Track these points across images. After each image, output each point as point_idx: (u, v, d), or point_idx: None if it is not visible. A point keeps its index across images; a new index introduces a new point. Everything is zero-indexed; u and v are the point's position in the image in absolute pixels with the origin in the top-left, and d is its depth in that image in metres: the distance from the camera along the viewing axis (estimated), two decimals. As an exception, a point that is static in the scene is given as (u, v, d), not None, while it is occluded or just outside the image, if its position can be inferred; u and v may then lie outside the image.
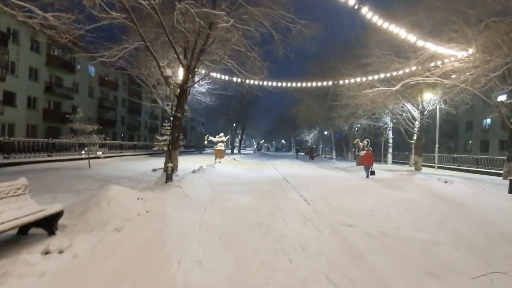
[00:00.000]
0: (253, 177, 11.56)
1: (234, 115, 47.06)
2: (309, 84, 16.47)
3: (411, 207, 6.04)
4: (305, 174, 13.15)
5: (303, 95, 28.09)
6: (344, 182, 10.05)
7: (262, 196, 7.23)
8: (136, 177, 10.09)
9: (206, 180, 9.31)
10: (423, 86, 17.03)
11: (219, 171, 12.91)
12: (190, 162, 18.65)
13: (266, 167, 17.33)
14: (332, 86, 23.76)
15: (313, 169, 16.71)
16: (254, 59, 12.14)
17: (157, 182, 8.83)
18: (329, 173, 14.22)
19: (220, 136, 20.74)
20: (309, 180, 10.43)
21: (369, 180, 11.77)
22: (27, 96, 24.63)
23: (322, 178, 11.42)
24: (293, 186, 9.02)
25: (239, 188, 8.46)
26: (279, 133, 75.91)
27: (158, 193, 5.92)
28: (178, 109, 11.03)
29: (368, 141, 20.75)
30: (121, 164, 14.60)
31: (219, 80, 15.33)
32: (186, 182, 7.95)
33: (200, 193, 7.14)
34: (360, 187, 9.06)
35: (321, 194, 7.36)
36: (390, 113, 21.64)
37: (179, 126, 11.26)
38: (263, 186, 8.93)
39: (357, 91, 18.49)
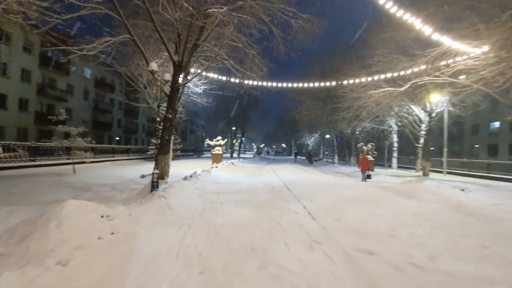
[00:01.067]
0: (251, 184, 10.57)
1: (234, 118, 46.16)
2: (310, 84, 15.54)
3: (436, 222, 5.04)
4: (308, 180, 12.15)
5: (304, 98, 27.16)
6: (351, 190, 9.05)
7: (260, 208, 6.24)
8: (121, 184, 9.11)
9: (197, 188, 8.33)
10: (431, 87, 16.11)
11: (214, 177, 11.93)
12: (186, 167, 17.67)
13: (266, 173, 16.33)
14: (334, 87, 22.87)
15: (316, 174, 15.72)
16: (253, 56, 11.24)
17: (142, 191, 7.85)
18: (333, 179, 13.22)
19: (218, 139, 19.77)
20: (313, 188, 9.44)
21: (377, 187, 10.77)
22: (19, 98, 23.82)
23: (327, 185, 10.43)
24: (295, 195, 8.03)
25: (234, 197, 7.48)
26: (280, 136, 74.96)
27: (133, 207, 4.94)
28: (169, 110, 10.07)
29: (373, 145, 19.76)
30: (110, 170, 13.63)
31: (216, 80, 14.44)
32: (173, 191, 6.97)
33: (188, 205, 6.16)
34: (370, 195, 8.07)
35: (328, 206, 6.37)
36: (395, 116, 20.67)
37: (170, 128, 10.29)
38: (261, 195, 7.94)
39: (361, 92, 17.58)
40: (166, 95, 10.01)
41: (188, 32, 9.41)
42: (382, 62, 15.23)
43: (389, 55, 15.27)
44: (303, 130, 48.21)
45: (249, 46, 11.05)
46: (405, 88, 14.10)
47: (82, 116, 31.63)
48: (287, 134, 64.10)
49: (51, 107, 27.31)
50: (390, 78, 14.91)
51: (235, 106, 44.70)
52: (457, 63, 12.37)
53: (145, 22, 9.94)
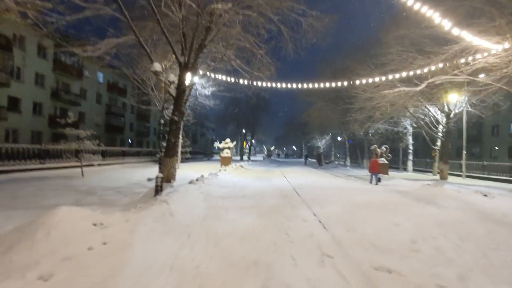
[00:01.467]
0: (259, 188, 10.20)
1: (243, 120, 45.95)
2: (321, 85, 15.08)
3: (463, 233, 4.53)
4: (318, 184, 11.67)
5: (314, 99, 26.61)
6: (365, 195, 8.54)
7: (267, 214, 5.85)
8: (126, 188, 8.93)
9: (203, 193, 8.03)
10: (449, 86, 15.33)
11: (221, 180, 11.62)
12: (194, 169, 17.48)
13: (275, 176, 15.92)
14: (346, 88, 22.25)
15: (327, 178, 15.18)
16: (261, 56, 10.92)
17: (146, 195, 7.63)
18: (346, 183, 12.68)
19: (226, 142, 19.53)
20: (324, 193, 8.97)
21: (393, 192, 10.18)
22: (33, 102, 24.35)
23: (339, 189, 9.93)
24: (304, 200, 7.60)
25: (240, 203, 7.12)
26: (290, 139, 74.26)
27: (132, 214, 4.66)
28: (175, 112, 9.88)
29: (387, 147, 19.03)
30: (119, 173, 13.56)
31: (224, 82, 14.20)
32: (177, 196, 6.68)
33: (191, 211, 5.85)
34: (386, 202, 7.55)
35: (340, 213, 5.92)
36: (411, 117, 19.85)
37: (176, 131, 10.09)
38: (269, 201, 7.56)
39: (374, 92, 16.97)
40: (172, 97, 9.82)
41: (194, 32, 9.19)
42: (397, 61, 14.59)
43: (404, 53, 14.62)
44: (313, 132, 47.44)
45: (256, 46, 10.74)
46: (421, 87, 13.43)
47: (95, 120, 32.14)
48: (298, 136, 63.39)
49: (65, 110, 27.75)
50: (405, 77, 14.24)
51: (245, 109, 44.58)
52: (477, 60, 11.66)
53: (152, 23, 9.79)
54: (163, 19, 8.58)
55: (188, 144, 25.92)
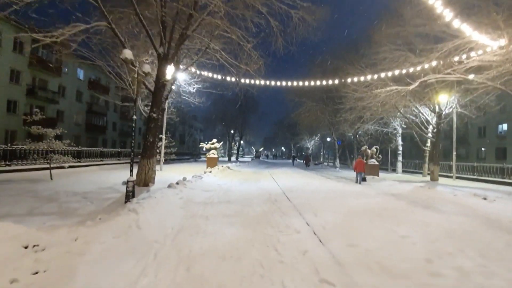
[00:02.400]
0: (245, 191, 9.42)
1: (232, 121, 45.10)
2: (311, 83, 14.47)
3: (480, 247, 3.90)
4: (309, 187, 11.00)
5: (304, 99, 26.11)
6: (360, 200, 7.91)
7: (253, 224, 5.09)
8: (96, 193, 7.95)
9: (182, 198, 7.17)
10: (441, 86, 15.06)
11: (206, 183, 10.78)
12: (178, 172, 16.53)
13: (263, 178, 15.18)
14: (336, 88, 21.83)
15: (318, 180, 14.56)
16: (249, 51, 10.15)
17: (116, 201, 6.71)
18: (337, 185, 12.07)
19: (213, 142, 18.65)
20: (316, 197, 8.28)
21: (387, 195, 9.62)
22: (7, 99, 22.70)
23: (332, 193, 9.28)
24: (295, 206, 6.88)
25: (224, 210, 6.32)
26: (279, 140, 73.86)
27: (85, 228, 3.77)
28: (153, 108, 9.00)
29: (377, 148, 18.67)
30: (93, 175, 12.47)
31: (210, 79, 13.36)
32: (150, 203, 5.81)
33: (164, 222, 5.01)
34: (384, 207, 6.93)
35: (337, 222, 5.22)
36: (401, 117, 19.56)
37: (155, 129, 9.19)
38: (256, 207, 6.79)
39: (364, 92, 16.55)
40: (150, 92, 8.91)
41: (174, 21, 8.34)
42: (388, 60, 14.18)
43: (396, 51, 14.24)
44: (302, 133, 47.15)
45: (244, 39, 9.98)
46: (413, 86, 13.02)
47: (75, 119, 30.54)
48: (287, 138, 63.04)
49: (41, 109, 26.05)
50: (397, 76, 13.84)
51: (233, 110, 43.76)
52: (471, 59, 11.33)
53: (128, 12, 8.84)
54: (140, 4, 7.72)
55: (173, 145, 24.85)
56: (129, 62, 5.87)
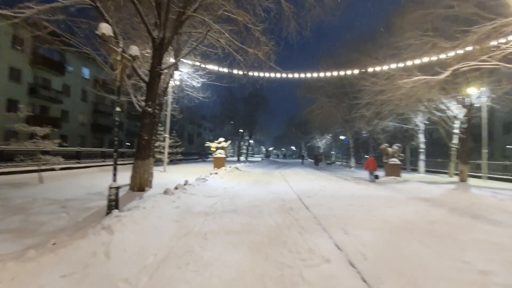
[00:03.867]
0: (255, 197, 8.13)
1: (241, 120, 43.89)
2: (328, 74, 13.05)
3: None
4: (327, 190, 9.62)
5: (316, 95, 24.60)
6: (394, 208, 6.51)
7: (264, 247, 3.81)
8: (80, 200, 6.84)
9: (179, 207, 5.95)
10: (472, 76, 13.35)
11: (210, 187, 9.56)
12: (182, 173, 15.42)
13: (275, 179, 13.87)
14: (350, 83, 20.29)
15: (335, 181, 13.14)
16: (258, 34, 8.85)
17: (98, 212, 5.55)
18: (359, 188, 10.63)
19: (220, 141, 17.44)
20: (339, 204, 6.92)
21: (420, 200, 8.16)
22: (7, 99, 22.11)
23: (356, 198, 7.88)
24: (316, 217, 5.55)
25: (228, 223, 5.06)
26: (289, 139, 72.21)
27: (19, 264, 2.57)
28: (148, 102, 7.82)
29: (400, 146, 17.07)
30: (88, 178, 11.45)
31: (215, 71, 12.15)
32: (135, 216, 4.61)
33: (146, 244, 3.78)
34: (426, 219, 5.52)
35: (380, 246, 3.87)
36: (425, 112, 17.83)
37: (150, 126, 8.02)
38: (267, 218, 5.51)
39: (386, 84, 15.02)
40: (145, 83, 7.73)
41: None
42: (414, 46, 12.60)
43: (422, 37, 12.66)
44: (314, 132, 45.50)
45: (252, 23, 8.70)
46: (445, 75, 11.43)
47: (80, 119, 29.94)
48: (297, 137, 61.37)
49: (45, 108, 25.63)
50: (424, 65, 12.27)
51: (242, 108, 42.63)
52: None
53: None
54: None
55: (179, 144, 23.80)
56: (107, 39, 4.66)
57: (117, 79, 5.13)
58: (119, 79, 5.14)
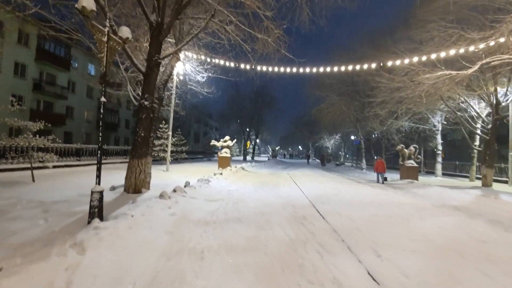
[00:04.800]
0: (262, 202, 7.28)
1: (247, 118, 43.06)
2: (342, 68, 12.09)
3: None
4: (343, 195, 8.69)
5: (326, 93, 23.57)
6: (429, 220, 5.56)
7: (275, 274, 2.96)
8: (69, 202, 6.10)
9: (174, 214, 5.14)
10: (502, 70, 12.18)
11: (213, 189, 8.75)
12: (186, 173, 14.67)
13: (282, 181, 12.99)
14: (365, 78, 19.22)
15: (348, 184, 12.18)
16: (264, 19, 7.99)
17: (81, 219, 4.77)
18: (378, 193, 9.66)
19: (225, 139, 16.64)
20: (361, 213, 6.00)
21: (453, 210, 7.16)
22: (12, 94, 21.77)
23: (380, 207, 6.94)
24: (336, 230, 4.66)
25: (230, 237, 4.22)
26: (296, 138, 71.03)
27: None
28: (145, 94, 7.05)
29: (416, 148, 15.98)
30: (84, 177, 10.77)
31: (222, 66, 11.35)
32: (119, 227, 3.84)
33: (126, 267, 2.96)
34: (476, 236, 4.57)
35: (430, 279, 2.96)
36: (446, 111, 16.65)
37: (147, 122, 7.25)
38: (277, 230, 4.65)
39: (401, 82, 13.99)
40: (141, 73, 6.95)
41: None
42: (438, 39, 11.53)
43: (447, 29, 11.57)
44: (322, 132, 44.39)
45: (261, 9, 7.84)
46: (473, 70, 10.36)
47: (86, 116, 29.60)
48: (305, 136, 60.22)
49: (49, 105, 25.32)
50: (450, 58, 11.17)
51: (249, 107, 41.77)
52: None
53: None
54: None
55: (184, 143, 23.12)
56: (88, 15, 3.87)
57: (102, 64, 4.34)
58: (104, 64, 4.35)
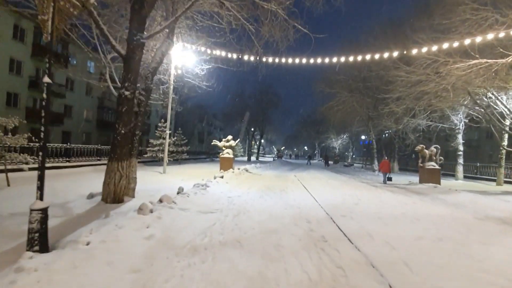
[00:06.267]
0: (268, 214, 5.95)
1: (252, 118, 41.75)
2: (359, 58, 10.70)
3: None
4: (365, 205, 7.29)
5: (336, 90, 22.15)
6: (498, 248, 4.17)
7: None
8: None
9: (152, 237, 3.85)
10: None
11: (211, 196, 7.46)
12: (184, 175, 13.45)
13: (291, 185, 11.65)
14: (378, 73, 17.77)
15: (366, 190, 10.75)
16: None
17: (21, 245, 3.52)
18: (405, 202, 8.20)
19: (228, 139, 15.36)
20: (399, 234, 4.63)
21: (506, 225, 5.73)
22: (7, 92, 20.89)
23: (416, 222, 5.55)
24: (376, 266, 3.32)
25: (223, 276, 2.91)
26: (302, 138, 69.41)
27: None
28: (125, 83, 5.80)
29: (438, 148, 14.47)
30: (71, 180, 9.63)
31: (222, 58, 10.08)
32: (60, 266, 2.56)
33: None
34: None
35: None
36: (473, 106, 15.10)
37: (128, 116, 5.99)
38: (290, 263, 3.34)
39: (423, 75, 12.59)
40: (120, 56, 5.70)
41: None
42: (471, 22, 10.06)
43: (480, 12, 10.11)
44: (329, 132, 42.88)
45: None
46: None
47: (85, 115, 28.65)
48: (311, 136, 58.67)
49: (47, 103, 24.36)
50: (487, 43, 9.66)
51: (254, 106, 40.47)
52: None
53: None
54: None
55: (185, 142, 21.91)
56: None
57: (45, 30, 3.08)
58: (48, 31, 3.08)
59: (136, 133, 6.72)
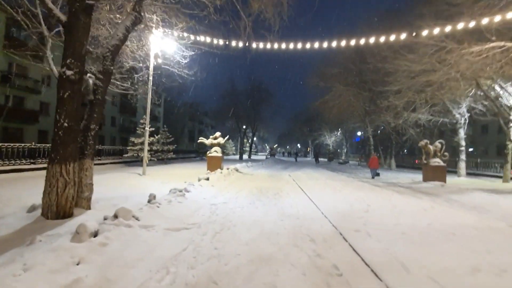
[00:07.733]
0: (260, 230, 4.64)
1: (244, 115, 40.33)
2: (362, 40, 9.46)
3: None
4: (380, 214, 6.02)
5: (331, 83, 21.00)
6: None
7: None
8: None
9: (77, 284, 2.49)
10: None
11: (189, 204, 6.10)
12: (168, 176, 12.07)
13: (286, 186, 10.39)
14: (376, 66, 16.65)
15: (371, 191, 9.53)
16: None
17: None
18: (424, 207, 7.00)
19: (215, 136, 13.98)
20: (437, 258, 3.39)
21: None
22: (-26, 88, 18.99)
23: (449, 235, 4.34)
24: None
25: None
26: (295, 136, 68.44)
27: None
28: (67, 59, 4.38)
29: (442, 144, 13.43)
30: (21, 187, 8.15)
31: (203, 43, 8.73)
32: None
33: None
34: None
35: None
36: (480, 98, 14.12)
37: (73, 104, 4.59)
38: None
39: (427, 63, 11.54)
40: (61, 24, 4.31)
41: None
42: (484, 3, 8.97)
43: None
44: (322, 129, 41.93)
45: None
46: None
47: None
48: (303, 134, 57.66)
49: (21, 100, 22.51)
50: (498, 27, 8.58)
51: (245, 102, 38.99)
52: None
53: None
54: None
55: (171, 141, 20.40)
56: None
57: None
58: None
59: (91, 128, 5.34)
